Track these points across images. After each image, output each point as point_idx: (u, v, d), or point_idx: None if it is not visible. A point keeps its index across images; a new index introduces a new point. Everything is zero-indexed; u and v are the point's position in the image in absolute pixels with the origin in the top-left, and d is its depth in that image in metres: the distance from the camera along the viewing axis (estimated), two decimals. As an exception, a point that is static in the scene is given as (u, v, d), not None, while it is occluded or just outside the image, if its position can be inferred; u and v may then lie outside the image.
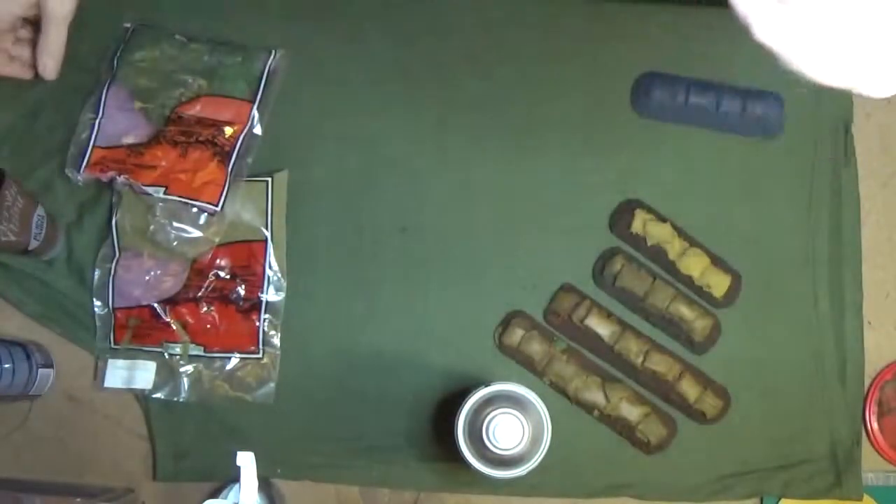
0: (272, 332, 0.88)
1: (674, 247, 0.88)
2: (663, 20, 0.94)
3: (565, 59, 0.93)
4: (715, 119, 0.91)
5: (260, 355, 0.87)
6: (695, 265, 0.87)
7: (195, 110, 0.88)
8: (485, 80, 0.93)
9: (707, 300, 0.89)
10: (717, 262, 0.89)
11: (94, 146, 0.87)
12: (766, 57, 0.94)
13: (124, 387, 0.87)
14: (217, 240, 0.87)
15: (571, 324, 0.88)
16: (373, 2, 0.94)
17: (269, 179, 0.90)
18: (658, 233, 0.88)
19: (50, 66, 0.87)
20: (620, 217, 0.89)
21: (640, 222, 0.88)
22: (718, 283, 0.88)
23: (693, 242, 0.89)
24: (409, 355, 0.89)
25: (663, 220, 0.89)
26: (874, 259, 0.92)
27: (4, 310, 0.89)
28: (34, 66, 0.87)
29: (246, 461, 0.72)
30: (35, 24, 0.87)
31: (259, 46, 0.91)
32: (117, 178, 0.85)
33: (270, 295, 0.88)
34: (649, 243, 0.88)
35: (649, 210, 0.90)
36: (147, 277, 0.87)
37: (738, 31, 0.93)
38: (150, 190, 0.85)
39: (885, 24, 0.52)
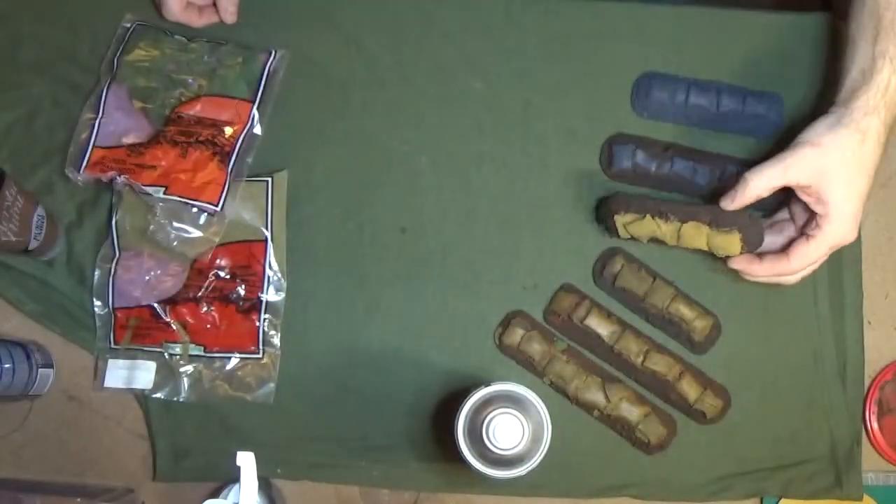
0: (272, 332, 0.88)
1: (665, 234, 0.84)
2: (663, 20, 0.94)
3: (565, 59, 0.93)
4: (715, 119, 0.91)
5: (260, 355, 0.87)
6: (697, 239, 0.83)
7: (195, 110, 0.88)
8: (484, 80, 0.93)
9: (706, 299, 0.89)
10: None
11: (94, 146, 0.87)
12: (766, 57, 0.94)
13: (124, 387, 0.87)
14: (217, 240, 0.87)
15: (571, 324, 0.88)
16: (372, 2, 0.94)
17: (269, 179, 0.90)
18: (643, 232, 0.85)
19: (231, 9, 0.91)
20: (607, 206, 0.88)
21: (620, 226, 0.86)
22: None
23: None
24: (409, 355, 0.89)
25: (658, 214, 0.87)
26: (874, 259, 0.92)
27: (4, 310, 0.89)
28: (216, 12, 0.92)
29: (246, 461, 0.72)
30: None
31: (259, 46, 0.91)
32: (117, 178, 0.85)
33: (270, 295, 0.88)
34: (643, 240, 0.86)
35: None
36: (147, 277, 0.87)
37: (738, 30, 0.94)
38: (150, 190, 0.85)
39: None
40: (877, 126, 0.74)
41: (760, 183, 0.77)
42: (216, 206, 0.85)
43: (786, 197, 0.82)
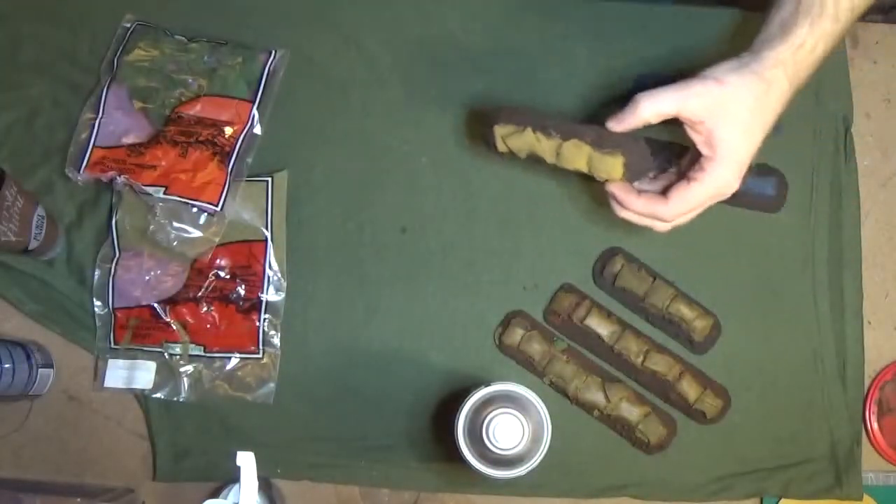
0: (272, 332, 0.88)
1: (544, 149, 0.77)
2: (663, 20, 0.94)
3: (565, 59, 0.93)
4: (715, 119, 0.91)
5: (260, 355, 0.87)
6: (577, 159, 0.76)
7: (195, 110, 0.88)
8: (484, 80, 0.93)
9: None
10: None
11: (94, 146, 0.87)
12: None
13: (124, 387, 0.87)
14: (217, 240, 0.87)
15: (571, 324, 0.88)
16: (372, 2, 0.94)
17: (269, 179, 0.90)
18: (521, 146, 0.78)
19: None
20: None
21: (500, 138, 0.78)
22: None
23: (691, 244, 0.90)
24: (409, 355, 0.89)
25: None
26: (874, 259, 0.92)
27: (4, 310, 0.89)
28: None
29: (246, 461, 0.72)
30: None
31: (259, 46, 0.91)
32: (117, 178, 0.85)
33: (270, 295, 0.88)
34: (522, 156, 0.79)
35: None
36: (147, 277, 0.87)
37: (738, 31, 0.94)
38: (150, 190, 0.85)
39: None
40: (782, 80, 0.70)
41: (652, 107, 0.70)
42: (216, 206, 0.85)
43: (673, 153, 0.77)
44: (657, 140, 0.81)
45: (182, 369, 0.87)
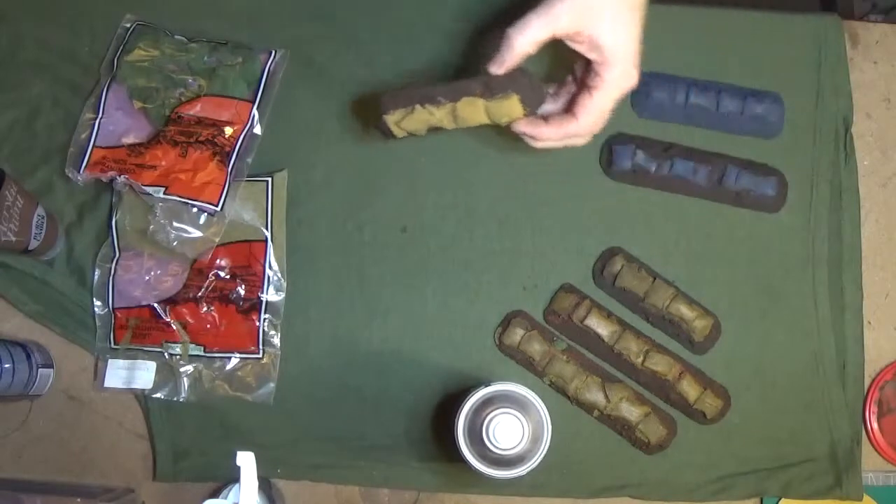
0: (272, 332, 0.88)
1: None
2: (663, 20, 0.94)
3: (565, 58, 0.93)
4: (715, 119, 0.91)
5: (260, 355, 0.88)
6: (475, 114, 0.76)
7: (195, 110, 0.88)
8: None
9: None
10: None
11: (94, 146, 0.88)
12: (766, 57, 0.94)
13: (124, 387, 0.87)
14: (217, 240, 0.87)
15: (571, 324, 0.88)
16: (372, 2, 0.94)
17: (269, 179, 0.90)
18: (417, 125, 0.78)
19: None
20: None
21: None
22: None
23: (691, 244, 0.90)
24: (409, 355, 0.89)
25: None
26: (874, 259, 0.92)
27: (4, 310, 0.89)
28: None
29: (246, 461, 0.72)
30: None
31: (259, 46, 0.91)
32: (117, 178, 0.85)
33: (270, 295, 0.88)
34: (422, 133, 0.79)
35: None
36: (147, 277, 0.87)
37: (738, 31, 0.94)
38: (150, 190, 0.85)
39: None
40: None
41: (525, 39, 0.70)
42: (216, 206, 0.85)
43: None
44: None
45: (182, 369, 0.87)
